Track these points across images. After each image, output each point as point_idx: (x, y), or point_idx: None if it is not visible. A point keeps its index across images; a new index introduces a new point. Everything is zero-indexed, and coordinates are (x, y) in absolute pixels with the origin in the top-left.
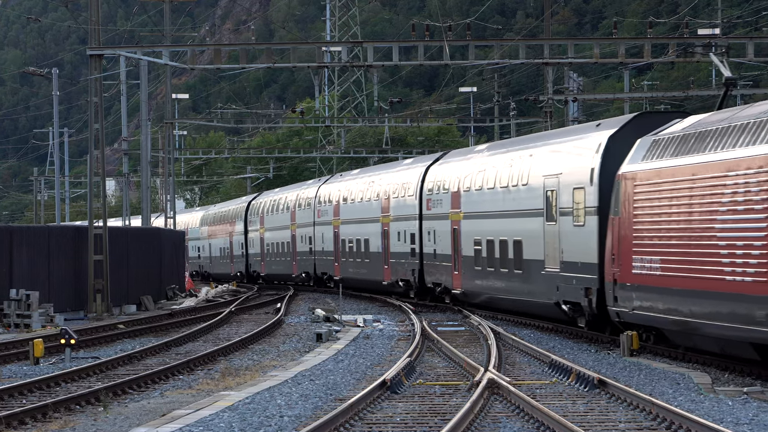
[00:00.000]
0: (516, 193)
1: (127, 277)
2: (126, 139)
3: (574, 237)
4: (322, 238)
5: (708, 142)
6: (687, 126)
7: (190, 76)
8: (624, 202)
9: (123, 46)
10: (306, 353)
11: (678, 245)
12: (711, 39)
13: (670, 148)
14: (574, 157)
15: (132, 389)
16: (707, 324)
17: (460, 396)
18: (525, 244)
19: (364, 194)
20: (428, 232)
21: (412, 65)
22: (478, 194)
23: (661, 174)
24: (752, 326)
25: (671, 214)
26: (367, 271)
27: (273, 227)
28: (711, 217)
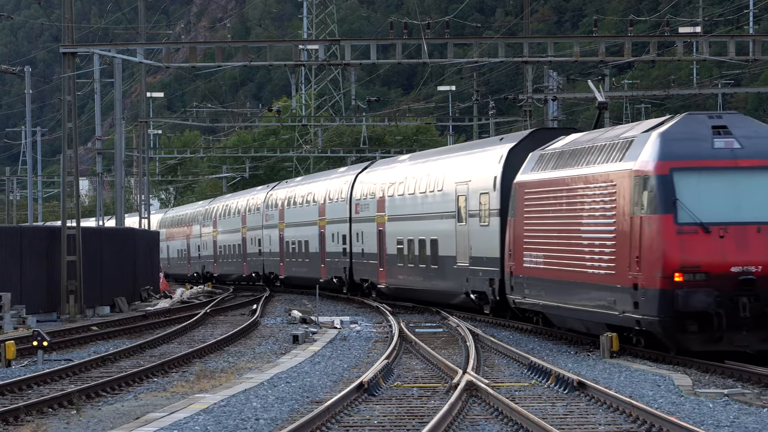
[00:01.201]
0: (432, 197)
1: (100, 278)
2: (100, 138)
3: (481, 236)
4: (269, 240)
5: (577, 158)
6: (566, 143)
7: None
8: (518, 206)
9: (97, 44)
10: (282, 355)
11: (555, 243)
12: (692, 37)
13: (551, 162)
14: (481, 167)
15: (105, 392)
16: (576, 309)
17: (439, 398)
18: (440, 243)
19: (305, 199)
20: (357, 234)
21: (390, 64)
22: (400, 199)
23: (544, 183)
24: (606, 310)
25: (550, 218)
26: (307, 270)
27: (225, 230)
28: (577, 221)
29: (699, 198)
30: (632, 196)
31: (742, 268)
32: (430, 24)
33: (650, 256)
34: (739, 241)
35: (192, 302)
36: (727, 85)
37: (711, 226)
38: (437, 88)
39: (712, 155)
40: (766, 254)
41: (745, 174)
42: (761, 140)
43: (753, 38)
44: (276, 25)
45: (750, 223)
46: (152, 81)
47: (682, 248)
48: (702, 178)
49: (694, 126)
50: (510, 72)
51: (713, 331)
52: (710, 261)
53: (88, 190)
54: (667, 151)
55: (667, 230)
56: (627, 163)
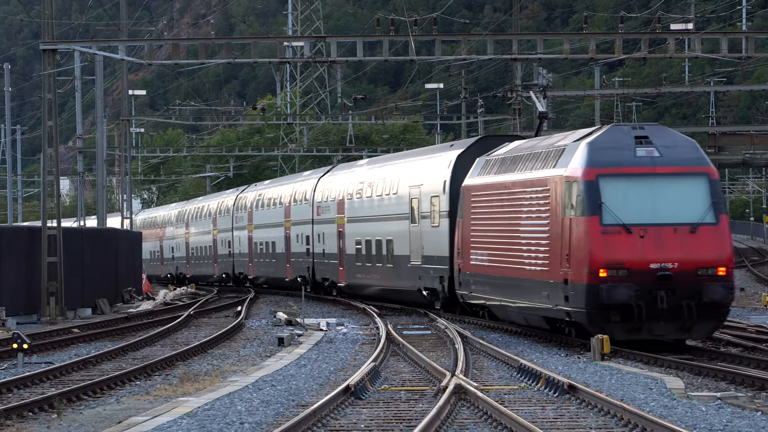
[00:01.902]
0: (388, 200)
1: (82, 279)
2: (81, 136)
3: (432, 236)
4: (239, 242)
5: (518, 164)
6: (509, 150)
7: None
8: (465, 208)
9: (77, 41)
10: (267, 358)
11: (498, 242)
12: (684, 34)
13: (496, 167)
14: (432, 172)
15: (87, 395)
16: (516, 303)
17: (427, 402)
18: (395, 243)
19: (272, 202)
20: (319, 235)
21: (376, 61)
22: (358, 202)
23: (489, 187)
24: (542, 304)
25: (494, 219)
26: (274, 270)
27: (198, 232)
28: (517, 221)
29: (622, 201)
30: (563, 199)
31: (660, 265)
32: (417, 20)
33: (578, 254)
34: (657, 241)
35: (175, 304)
36: (720, 83)
37: (632, 227)
38: (425, 85)
39: (634, 163)
40: (681, 252)
41: (663, 180)
42: (678, 149)
43: (746, 35)
44: (260, 22)
45: (667, 224)
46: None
47: (607, 247)
48: (625, 183)
49: (618, 136)
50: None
51: (634, 322)
52: (631, 258)
53: (69, 190)
54: (593, 159)
55: (593, 230)
56: (559, 169)
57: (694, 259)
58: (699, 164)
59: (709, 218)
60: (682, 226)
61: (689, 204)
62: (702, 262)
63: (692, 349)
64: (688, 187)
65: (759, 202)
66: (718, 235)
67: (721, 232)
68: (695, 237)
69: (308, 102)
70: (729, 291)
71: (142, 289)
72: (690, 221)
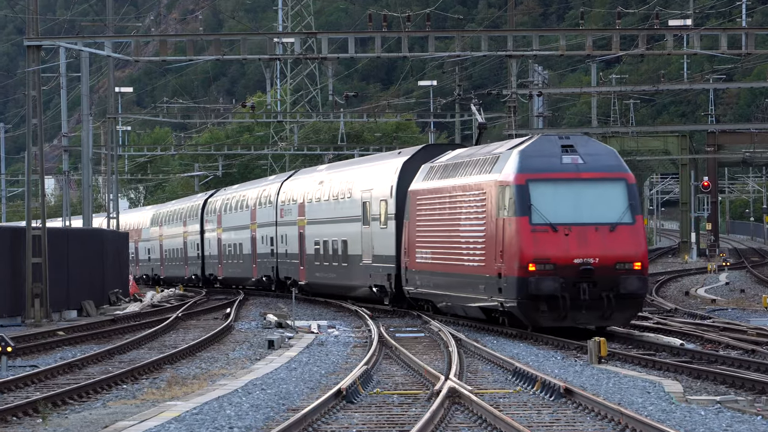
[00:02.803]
0: (344, 203)
1: (67, 280)
2: (66, 135)
3: (381, 237)
4: (208, 244)
5: (458, 170)
6: (450, 157)
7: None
8: (411, 211)
9: (63, 37)
10: (257, 361)
11: (440, 241)
12: (682, 31)
13: (438, 173)
14: (381, 177)
15: (73, 399)
16: (457, 296)
17: (420, 406)
18: (349, 243)
19: (239, 205)
20: (282, 236)
21: (368, 58)
22: (317, 204)
23: (432, 191)
24: (479, 296)
25: (437, 220)
26: (242, 270)
27: (169, 235)
28: (457, 222)
29: (549, 203)
30: (497, 201)
31: (582, 260)
32: (410, 16)
33: (510, 250)
34: (580, 239)
35: (163, 306)
36: (719, 80)
37: (558, 226)
38: (418, 83)
39: (560, 169)
40: (601, 249)
41: (586, 184)
42: (600, 157)
43: (746, 31)
44: (250, 17)
45: (589, 224)
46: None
47: (535, 244)
48: (552, 187)
49: (546, 145)
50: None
51: (560, 311)
52: (557, 254)
53: (53, 189)
54: (524, 166)
55: (524, 229)
56: (494, 174)
57: (613, 254)
58: (618, 170)
59: (627, 218)
60: (603, 226)
61: (609, 206)
62: (620, 258)
63: (691, 351)
64: (608, 190)
65: (759, 201)
66: (634, 233)
67: (637, 231)
68: (614, 235)
69: (299, 100)
70: (644, 283)
71: (129, 291)
72: (609, 221)
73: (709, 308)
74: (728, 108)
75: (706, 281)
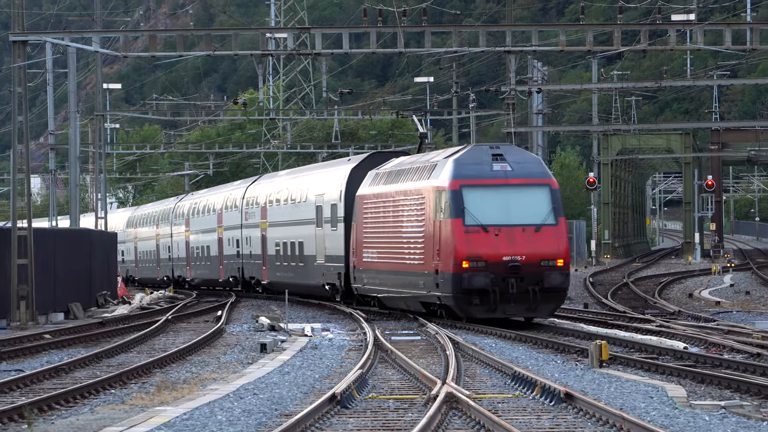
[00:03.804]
0: (300, 207)
1: (54, 282)
2: (53, 132)
3: (332, 238)
4: (177, 247)
5: (401, 177)
6: (394, 164)
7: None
8: (359, 214)
9: (49, 32)
10: (249, 365)
11: (385, 242)
12: (686, 25)
13: (383, 179)
14: (332, 182)
15: (59, 404)
16: (400, 291)
17: (416, 411)
18: (305, 245)
19: (206, 209)
20: (246, 238)
21: (363, 53)
22: (278, 208)
23: (377, 196)
24: (419, 291)
25: (382, 222)
26: (209, 272)
27: (143, 237)
28: (399, 224)
29: (480, 206)
30: (435, 205)
31: (511, 258)
32: (406, 11)
33: (446, 249)
34: (509, 238)
35: (152, 308)
36: (723, 77)
37: (489, 227)
38: (414, 79)
39: (491, 176)
40: (528, 248)
41: (514, 189)
42: (527, 164)
43: (750, 26)
44: (241, 12)
45: (517, 225)
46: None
47: (468, 243)
48: (483, 192)
49: (478, 154)
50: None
51: (490, 303)
52: (488, 252)
53: (40, 189)
54: (458, 173)
55: (458, 230)
56: (432, 180)
57: (538, 252)
58: (543, 177)
59: (550, 220)
60: (529, 227)
61: (534, 209)
62: (544, 255)
63: (694, 355)
64: (534, 195)
65: (765, 201)
66: (557, 233)
67: (560, 231)
68: (539, 235)
69: (292, 96)
70: (565, 278)
71: (118, 293)
72: (535, 222)
73: (714, 311)
74: (732, 105)
75: (710, 283)
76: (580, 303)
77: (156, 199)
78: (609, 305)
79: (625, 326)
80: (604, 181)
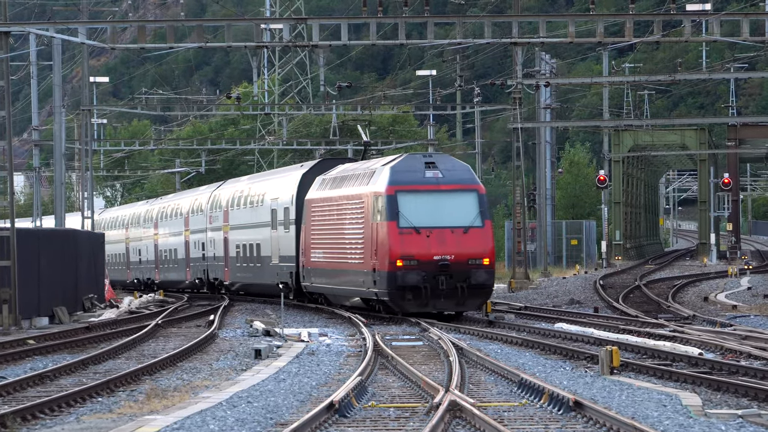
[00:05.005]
0: (257, 210)
1: (38, 285)
2: (37, 128)
3: (285, 240)
4: (146, 250)
5: (344, 182)
6: (340, 171)
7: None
8: (307, 217)
9: (33, 23)
10: (243, 372)
11: (330, 242)
12: (701, 16)
13: (328, 184)
14: (285, 187)
15: (44, 413)
16: (342, 288)
17: (418, 420)
18: (262, 246)
19: (173, 213)
20: (211, 241)
21: (363, 45)
22: (239, 212)
23: (323, 200)
24: (359, 288)
25: (327, 224)
26: (176, 274)
27: (113, 240)
28: (342, 226)
29: (414, 210)
30: (373, 208)
31: (441, 257)
32: (407, 1)
33: (382, 249)
34: (439, 239)
35: (141, 312)
36: (740, 69)
37: (421, 229)
38: (416, 72)
39: (423, 182)
40: (456, 248)
41: (444, 194)
42: (456, 172)
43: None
44: (235, 2)
45: (447, 227)
46: (96, 64)
47: (402, 244)
48: (416, 197)
49: (413, 162)
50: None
51: (422, 299)
52: (420, 252)
53: (23, 187)
54: (394, 179)
55: (393, 232)
56: (371, 186)
57: (466, 252)
58: (471, 183)
59: (477, 223)
60: (457, 229)
61: (463, 212)
62: (471, 255)
63: (710, 362)
64: (462, 200)
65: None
66: (484, 235)
67: (486, 233)
68: (467, 236)
69: (288, 90)
70: (490, 275)
71: (105, 296)
72: (463, 225)
73: (730, 315)
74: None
75: (726, 286)
76: (590, 307)
77: (146, 197)
78: (620, 309)
79: (637, 331)
80: (615, 179)
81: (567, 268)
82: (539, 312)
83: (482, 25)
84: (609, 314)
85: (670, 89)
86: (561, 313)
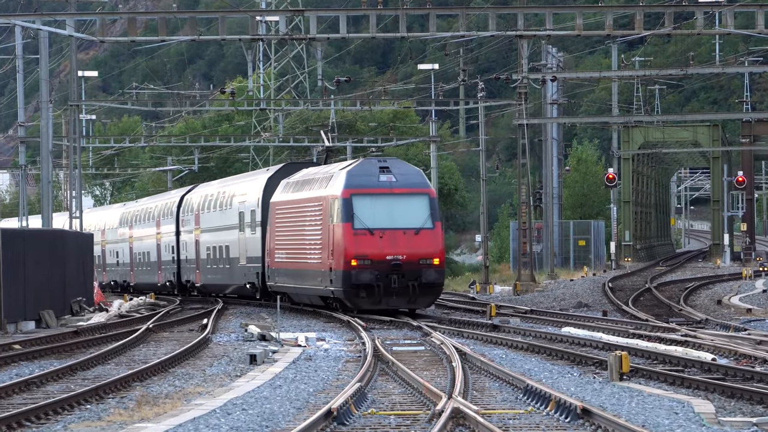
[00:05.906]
0: (227, 213)
1: (24, 288)
2: (23, 124)
3: (252, 241)
4: (123, 253)
5: (306, 186)
6: (302, 174)
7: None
8: (272, 219)
9: (19, 14)
10: (237, 378)
11: (292, 243)
12: (714, 7)
13: (291, 188)
14: (252, 190)
15: (30, 421)
16: (303, 287)
17: (420, 428)
18: (231, 248)
19: (146, 216)
20: (182, 244)
21: (362, 38)
22: (209, 215)
23: (286, 203)
24: (318, 286)
25: (290, 226)
26: (149, 276)
27: None
28: (303, 227)
29: (368, 212)
30: (330, 211)
31: (393, 257)
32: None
33: (338, 249)
34: (392, 240)
35: (132, 316)
36: (755, 63)
37: (375, 231)
38: (418, 66)
39: (377, 185)
40: (408, 248)
41: (397, 198)
42: (409, 176)
43: None
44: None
45: (399, 228)
46: (84, 58)
47: (357, 244)
48: (370, 200)
49: (368, 167)
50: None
51: (375, 297)
52: (374, 252)
53: (9, 185)
54: (349, 183)
55: (348, 233)
56: (329, 189)
57: (417, 252)
58: (422, 187)
59: (428, 224)
60: (409, 230)
61: (414, 215)
62: (422, 255)
63: (723, 367)
64: (414, 203)
65: None
66: (434, 236)
67: (436, 234)
68: (418, 237)
69: (284, 85)
70: (440, 274)
71: (94, 299)
72: (414, 226)
73: (744, 319)
74: (765, 94)
75: (740, 288)
76: (598, 310)
77: (137, 196)
78: (630, 313)
79: (647, 336)
80: (625, 178)
81: (574, 270)
82: (545, 315)
83: (486, 17)
84: (618, 318)
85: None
86: (568, 316)
